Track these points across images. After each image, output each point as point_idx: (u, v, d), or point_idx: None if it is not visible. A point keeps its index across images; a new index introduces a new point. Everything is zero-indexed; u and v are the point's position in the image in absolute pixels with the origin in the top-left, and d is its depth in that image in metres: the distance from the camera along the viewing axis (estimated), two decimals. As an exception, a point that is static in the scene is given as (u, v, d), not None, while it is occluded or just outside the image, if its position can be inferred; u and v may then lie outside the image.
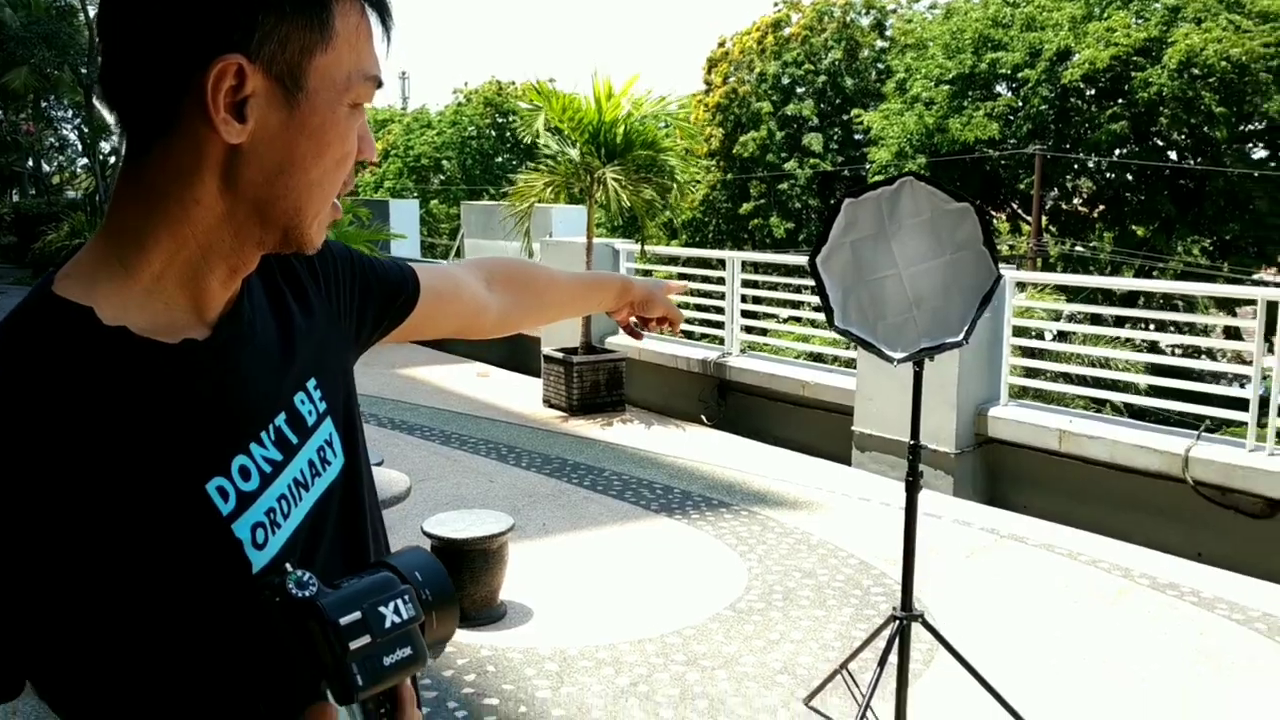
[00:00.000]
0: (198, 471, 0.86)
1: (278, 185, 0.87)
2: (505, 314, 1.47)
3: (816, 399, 8.31)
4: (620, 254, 10.34)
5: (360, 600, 0.77)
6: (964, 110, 23.00)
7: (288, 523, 0.92)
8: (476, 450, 7.66)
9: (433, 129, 39.55)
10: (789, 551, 5.52)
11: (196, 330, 0.90)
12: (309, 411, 0.99)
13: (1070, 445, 6.68)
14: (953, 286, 2.87)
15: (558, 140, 9.13)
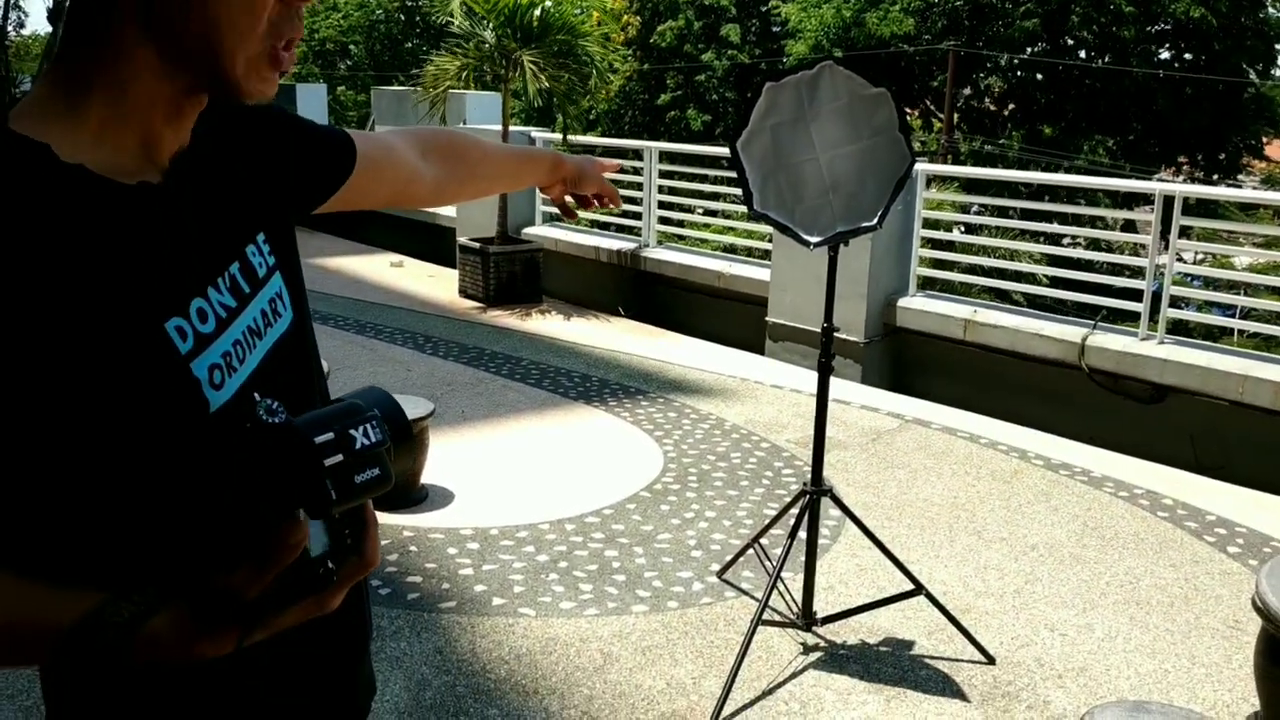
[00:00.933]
0: (157, 310, 0.89)
1: (188, 23, 0.87)
2: (439, 184, 1.48)
3: (732, 290, 8.43)
4: (537, 143, 10.22)
5: (332, 422, 0.81)
6: (881, 4, 22.92)
7: (243, 367, 0.96)
8: (393, 340, 7.64)
9: (339, 11, 38.07)
10: (704, 436, 5.67)
11: (150, 175, 0.92)
12: (259, 264, 1.03)
13: (974, 334, 6.93)
14: (868, 172, 2.94)
15: (472, 22, 8.91)
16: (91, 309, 0.83)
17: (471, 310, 8.81)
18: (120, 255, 0.87)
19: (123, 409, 0.85)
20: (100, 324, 0.84)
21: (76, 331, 0.82)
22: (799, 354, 7.52)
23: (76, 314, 0.83)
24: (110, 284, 0.85)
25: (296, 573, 0.82)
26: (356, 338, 7.64)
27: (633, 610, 3.74)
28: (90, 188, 0.86)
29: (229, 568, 0.81)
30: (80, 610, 0.81)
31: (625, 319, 8.82)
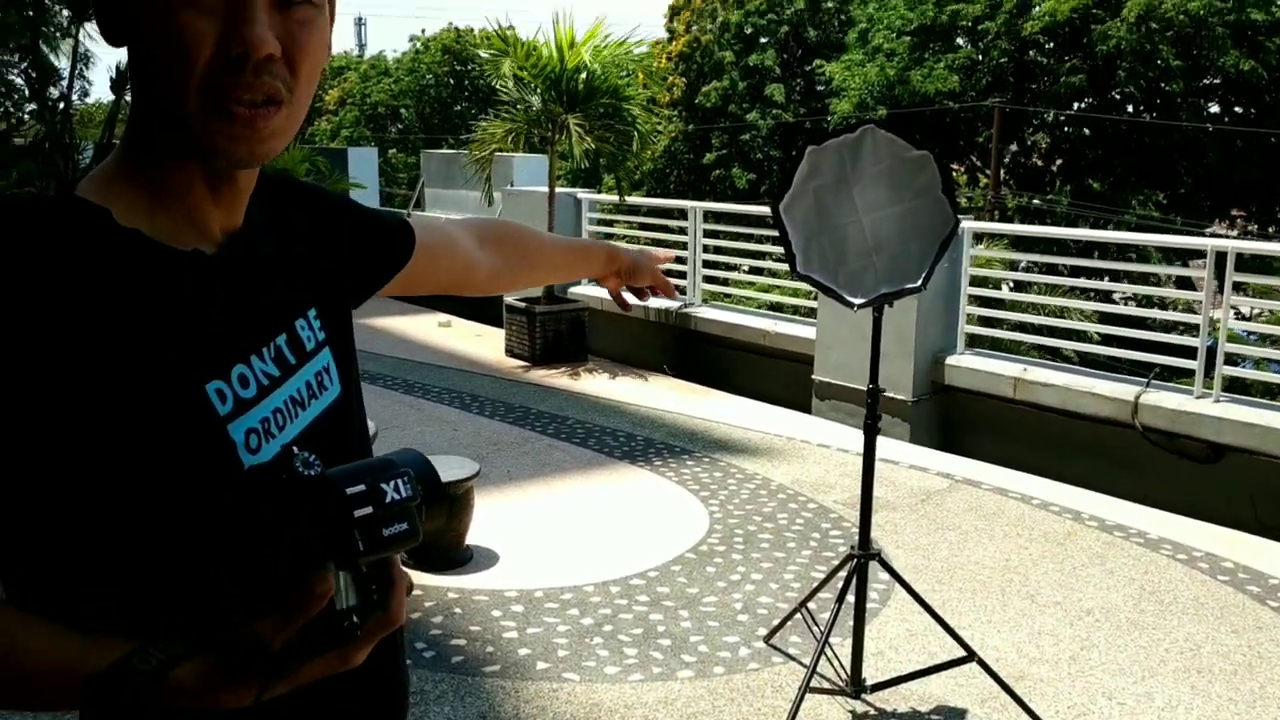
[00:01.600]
0: (199, 372, 0.91)
1: (143, 84, 0.90)
2: (495, 273, 1.51)
3: (777, 348, 8.41)
4: (582, 203, 10.33)
5: (364, 475, 0.83)
6: (925, 62, 23.03)
7: (282, 435, 0.97)
8: (440, 399, 7.69)
9: (390, 77, 38.98)
10: (750, 497, 5.62)
11: (204, 245, 0.96)
12: (308, 337, 1.05)
13: (1024, 392, 6.83)
14: (911, 233, 2.94)
15: (519, 87, 9.07)
16: (135, 366, 0.86)
17: (518, 369, 8.85)
18: (167, 316, 0.90)
19: (159, 463, 0.87)
20: (143, 381, 0.86)
21: (119, 386, 0.85)
22: (846, 412, 7.46)
23: (120, 370, 0.85)
24: (155, 343, 0.88)
25: (321, 625, 0.83)
26: (404, 397, 7.70)
27: (678, 676, 3.69)
28: (144, 251, 0.90)
29: (256, 617, 0.82)
30: (110, 658, 0.82)
31: (671, 377, 8.82)
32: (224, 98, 0.87)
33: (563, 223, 9.75)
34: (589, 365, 9.00)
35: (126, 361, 0.86)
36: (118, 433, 0.85)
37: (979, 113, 23.53)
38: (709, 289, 9.54)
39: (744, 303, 9.58)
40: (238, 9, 0.86)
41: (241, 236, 0.99)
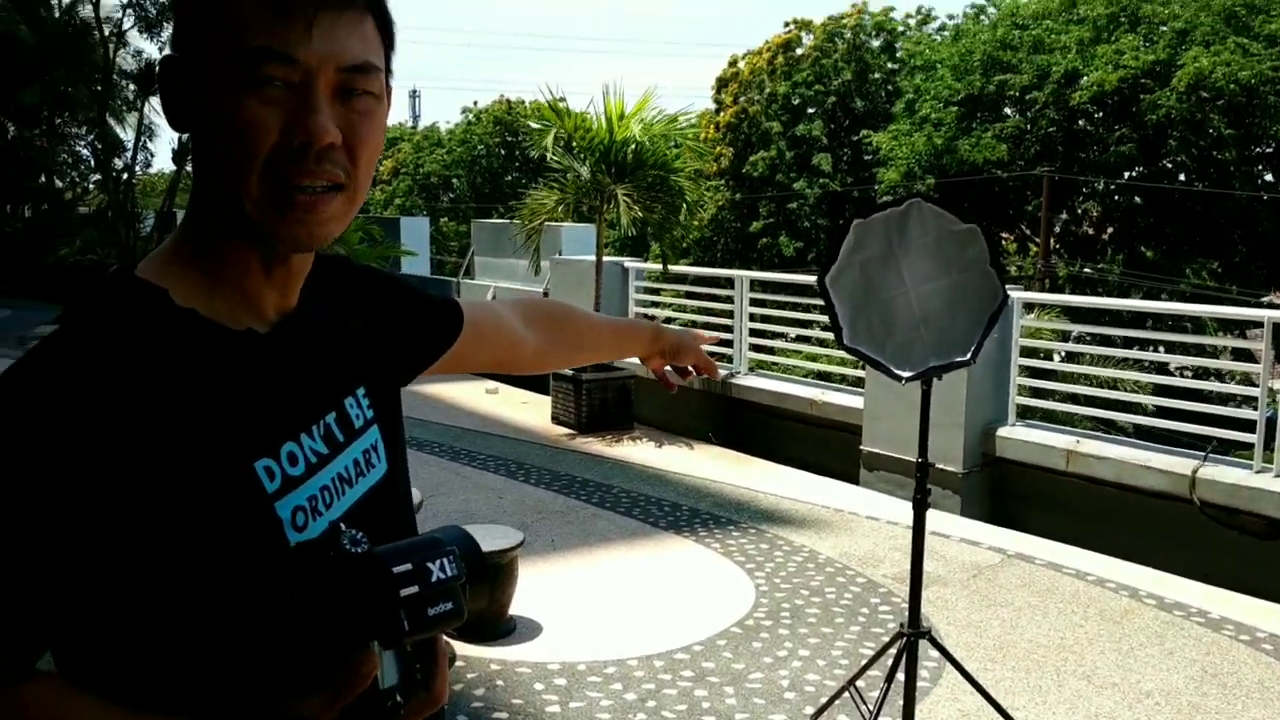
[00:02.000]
0: (248, 449, 0.92)
1: (206, 168, 0.93)
2: (542, 352, 1.53)
3: (825, 418, 8.34)
4: (629, 272, 10.40)
5: (410, 554, 0.83)
6: (973, 131, 23.07)
7: (329, 512, 0.98)
8: (485, 466, 7.70)
9: (443, 147, 39.77)
10: (797, 569, 5.54)
11: (258, 324, 0.98)
12: (357, 415, 1.06)
13: (1077, 465, 6.70)
14: (960, 306, 2.91)
15: (568, 158, 9.21)
16: (187, 444, 0.87)
17: (563, 437, 8.86)
18: (220, 395, 0.91)
19: (207, 540, 0.88)
20: (193, 458, 0.87)
21: (171, 465, 0.86)
22: (895, 484, 7.36)
23: (173, 448, 0.86)
24: (207, 421, 0.89)
25: (365, 704, 0.83)
26: (451, 464, 7.73)
27: (722, 754, 3.61)
28: (200, 331, 0.92)
29: (301, 695, 0.83)
30: None
31: (717, 446, 8.78)
32: (286, 184, 0.90)
33: (610, 291, 9.81)
34: (635, 433, 8.99)
35: (179, 440, 0.87)
36: (168, 510, 0.86)
37: (1028, 181, 23.47)
38: (755, 357, 9.52)
39: (790, 371, 9.53)
40: (302, 100, 0.89)
41: (295, 317, 1.01)
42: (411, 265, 14.81)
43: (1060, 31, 22.57)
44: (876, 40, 29.06)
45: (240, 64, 0.88)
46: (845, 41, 28.54)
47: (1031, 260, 24.32)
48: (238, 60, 0.88)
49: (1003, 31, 23.41)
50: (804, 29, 29.27)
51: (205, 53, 0.90)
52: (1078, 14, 22.65)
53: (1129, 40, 21.28)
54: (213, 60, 0.89)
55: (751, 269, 25.68)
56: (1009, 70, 22.82)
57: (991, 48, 23.17)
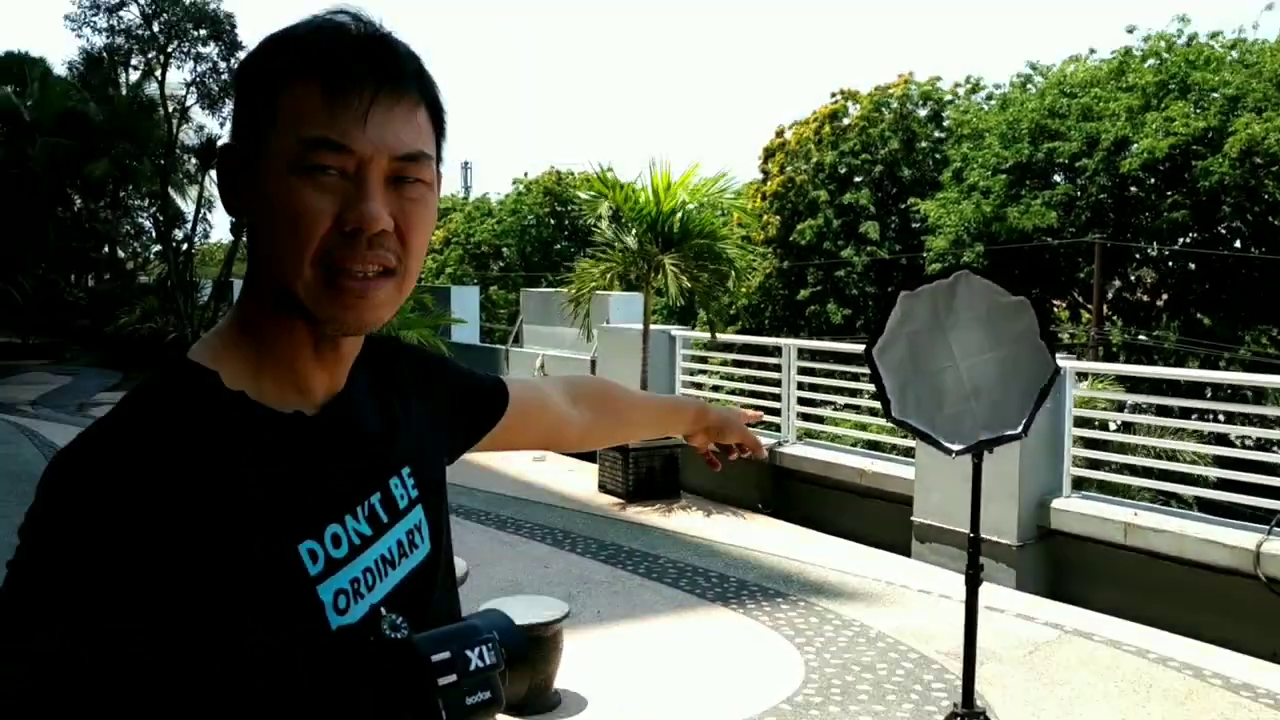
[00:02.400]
0: (293, 531, 0.93)
1: (259, 253, 0.96)
2: (587, 430, 1.54)
3: (875, 488, 8.23)
4: (676, 340, 10.41)
5: (449, 642, 0.85)
6: (1021, 199, 22.96)
7: (371, 595, 0.98)
8: (532, 535, 7.67)
9: (493, 217, 40.33)
10: (847, 644, 5.43)
11: (306, 408, 0.99)
12: (401, 496, 1.06)
13: (1136, 538, 6.54)
14: (1010, 378, 2.87)
15: (616, 228, 9.29)
16: (230, 525, 0.88)
17: (610, 506, 8.82)
18: (265, 478, 0.92)
19: (250, 624, 0.88)
20: (236, 541, 0.88)
21: (214, 546, 0.86)
22: (948, 556, 7.22)
23: (216, 529, 0.87)
24: (251, 505, 0.90)
25: None
26: (497, 533, 7.71)
27: (771, 838, 3.51)
28: (247, 415, 0.94)
29: None
30: None
31: (764, 515, 8.68)
32: (338, 270, 0.92)
33: (657, 359, 9.82)
34: (682, 502, 8.92)
35: (224, 524, 0.87)
36: (211, 594, 0.86)
37: (1079, 248, 23.28)
38: (803, 426, 9.44)
39: (839, 440, 9.44)
40: (356, 187, 0.92)
41: (342, 398, 1.03)
42: (461, 333, 14.96)
43: (1109, 99, 22.50)
44: (923, 109, 29.17)
45: (297, 152, 0.91)
46: (892, 111, 28.67)
47: (1084, 327, 24.02)
48: (294, 148, 0.91)
49: (1050, 99, 23.39)
50: (850, 99, 29.47)
51: (261, 142, 0.93)
52: (1127, 81, 22.60)
53: (1179, 107, 21.16)
54: (269, 149, 0.92)
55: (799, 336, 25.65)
56: (1058, 138, 22.75)
57: (1039, 115, 23.14)
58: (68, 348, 24.27)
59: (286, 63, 0.93)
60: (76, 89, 22.01)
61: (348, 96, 0.91)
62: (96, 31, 18.49)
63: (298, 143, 0.91)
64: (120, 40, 18.36)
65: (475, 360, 14.42)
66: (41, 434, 12.10)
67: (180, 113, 20.25)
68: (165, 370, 0.96)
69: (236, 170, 0.95)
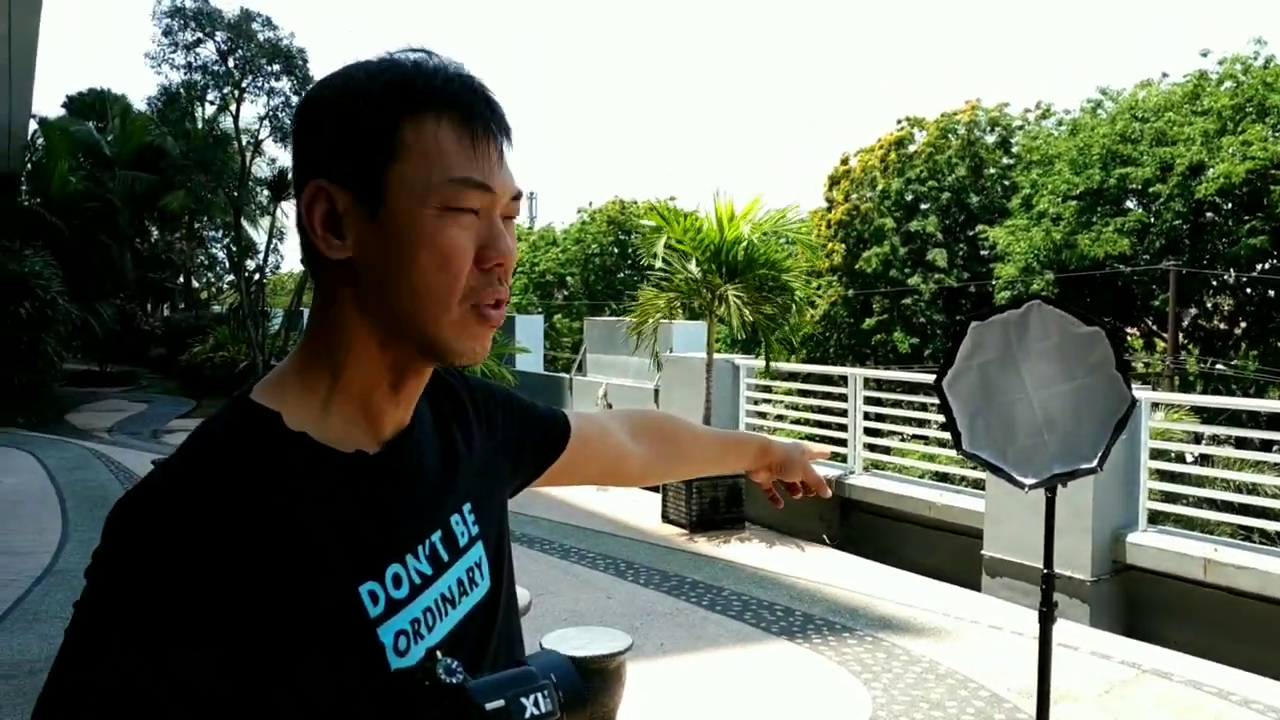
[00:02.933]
0: (354, 573, 0.92)
1: (389, 295, 0.94)
2: (648, 465, 1.52)
3: (944, 520, 8.09)
4: (740, 370, 10.36)
5: (504, 689, 0.83)
6: (1093, 226, 22.58)
7: (431, 635, 0.98)
8: (595, 565, 7.65)
9: (558, 246, 40.69)
10: (916, 681, 5.31)
11: (369, 445, 0.99)
12: (462, 533, 1.06)
13: (1216, 575, 6.33)
14: (1084, 411, 2.79)
15: (678, 258, 9.29)
16: (291, 569, 0.87)
17: (674, 536, 8.77)
18: (326, 520, 0.92)
19: (308, 665, 0.88)
20: (298, 583, 0.88)
21: (274, 589, 0.86)
22: (1020, 591, 7.06)
23: (276, 572, 0.87)
24: (313, 546, 0.90)
25: None
26: (560, 562, 7.70)
27: None
28: (309, 456, 0.93)
29: None
30: None
31: (830, 547, 8.57)
32: (479, 305, 0.96)
33: (721, 388, 9.78)
34: (745, 533, 8.84)
35: (284, 567, 0.87)
36: (274, 638, 0.86)
37: (1153, 275, 22.79)
38: (870, 457, 9.32)
39: (907, 471, 9.30)
40: (490, 225, 0.96)
41: (408, 434, 1.02)
42: (525, 362, 15.05)
43: (1184, 123, 22.08)
44: (991, 135, 28.87)
45: (446, 193, 0.93)
46: (959, 137, 28.43)
47: (1159, 356, 23.48)
48: (443, 189, 0.93)
49: (1122, 125, 23.01)
50: (916, 126, 29.28)
51: (383, 183, 0.93)
52: (1202, 105, 22.16)
53: (1257, 130, 20.69)
54: (402, 188, 0.93)
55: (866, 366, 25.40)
56: (1130, 163, 22.37)
57: (1111, 141, 22.77)
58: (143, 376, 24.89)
59: (408, 100, 0.93)
60: (155, 124, 22.67)
61: (487, 139, 0.95)
62: (174, 68, 19.04)
63: (447, 183, 0.93)
64: (197, 76, 18.88)
65: (539, 389, 14.50)
66: (117, 460, 12.38)
67: (254, 146, 20.74)
68: (229, 411, 0.96)
69: (339, 209, 0.94)
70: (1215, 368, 22.75)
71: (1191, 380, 22.23)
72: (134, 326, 27.73)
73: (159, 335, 28.77)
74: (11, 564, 7.38)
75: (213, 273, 32.29)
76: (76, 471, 11.47)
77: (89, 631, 0.85)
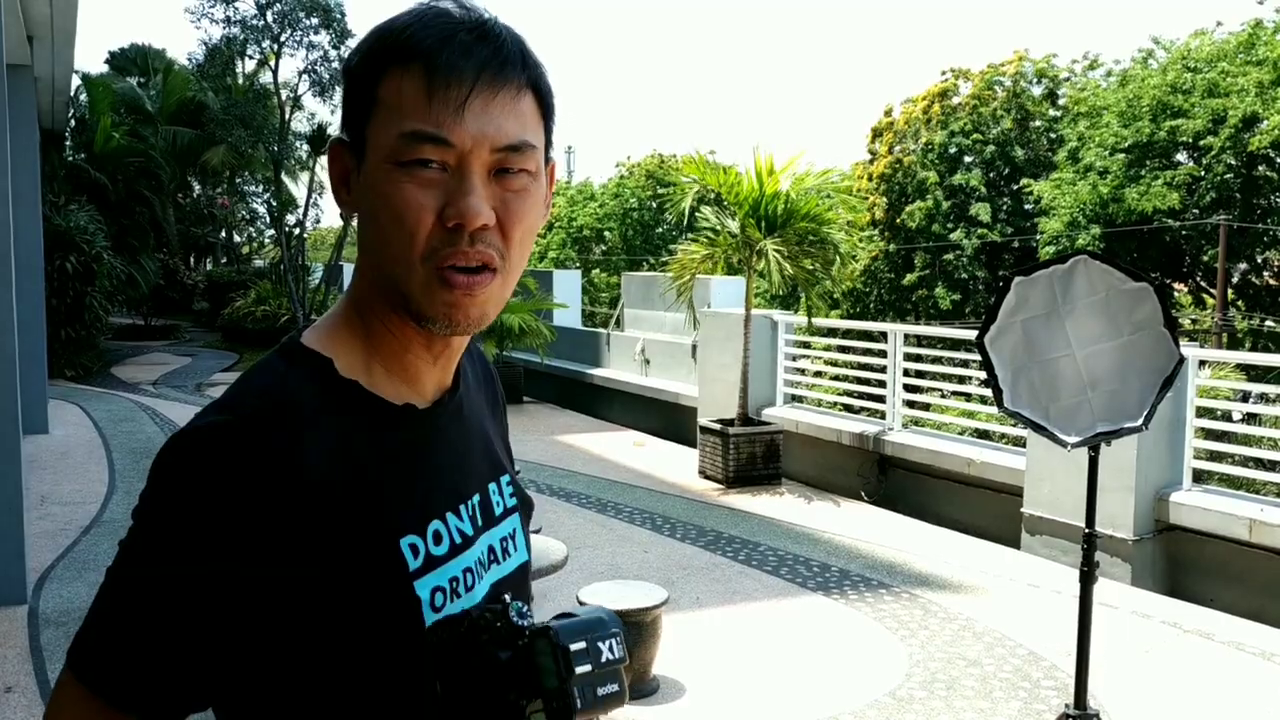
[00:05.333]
0: (397, 525, 0.92)
1: (370, 252, 0.95)
2: None
3: (983, 478, 8.03)
4: (779, 326, 10.29)
5: (584, 632, 0.85)
6: (1141, 179, 22.13)
7: (469, 595, 0.97)
8: (632, 520, 7.68)
9: (595, 201, 40.55)
10: (953, 638, 5.30)
11: (417, 399, 0.99)
12: (498, 502, 1.06)
13: (1262, 535, 6.23)
14: (1130, 368, 2.73)
15: (716, 213, 9.21)
16: (336, 516, 0.88)
17: (710, 491, 8.77)
18: (374, 469, 0.92)
19: (345, 612, 0.88)
20: (341, 531, 0.88)
21: (319, 533, 0.86)
22: (1060, 549, 7.00)
23: (323, 517, 0.87)
24: (359, 495, 0.90)
25: None
26: (597, 516, 7.74)
27: (872, 835, 3.44)
28: (360, 403, 0.93)
29: None
30: None
31: (868, 504, 8.54)
32: (441, 267, 0.91)
33: (759, 344, 9.73)
34: (782, 489, 8.83)
35: (331, 512, 0.87)
36: (314, 581, 0.86)
37: (1203, 230, 22.34)
38: (909, 414, 9.25)
39: (946, 428, 9.22)
40: (457, 181, 0.90)
41: (451, 395, 1.02)
42: (563, 318, 15.04)
43: (1238, 73, 21.51)
44: (1038, 87, 28.31)
45: (397, 147, 0.90)
46: (1005, 89, 27.90)
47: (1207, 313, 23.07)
48: (394, 142, 0.90)
49: (1174, 75, 22.46)
50: (962, 77, 28.76)
51: (365, 138, 0.92)
52: (1257, 55, 21.57)
53: (1314, 81, 20.12)
54: (372, 145, 0.91)
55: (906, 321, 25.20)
56: (1180, 115, 21.86)
57: (1162, 93, 22.24)
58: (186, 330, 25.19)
59: (385, 54, 0.91)
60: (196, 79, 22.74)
61: (447, 87, 0.89)
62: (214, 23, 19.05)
63: (398, 137, 0.89)
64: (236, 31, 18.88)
65: (577, 344, 14.51)
66: (162, 412, 12.57)
67: (293, 101, 20.76)
68: (280, 353, 0.95)
69: (347, 166, 0.95)
70: (1265, 324, 22.33)
71: (1240, 337, 21.85)
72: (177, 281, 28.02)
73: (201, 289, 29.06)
74: (61, 513, 7.53)
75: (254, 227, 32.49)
76: (123, 424, 11.66)
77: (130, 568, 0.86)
